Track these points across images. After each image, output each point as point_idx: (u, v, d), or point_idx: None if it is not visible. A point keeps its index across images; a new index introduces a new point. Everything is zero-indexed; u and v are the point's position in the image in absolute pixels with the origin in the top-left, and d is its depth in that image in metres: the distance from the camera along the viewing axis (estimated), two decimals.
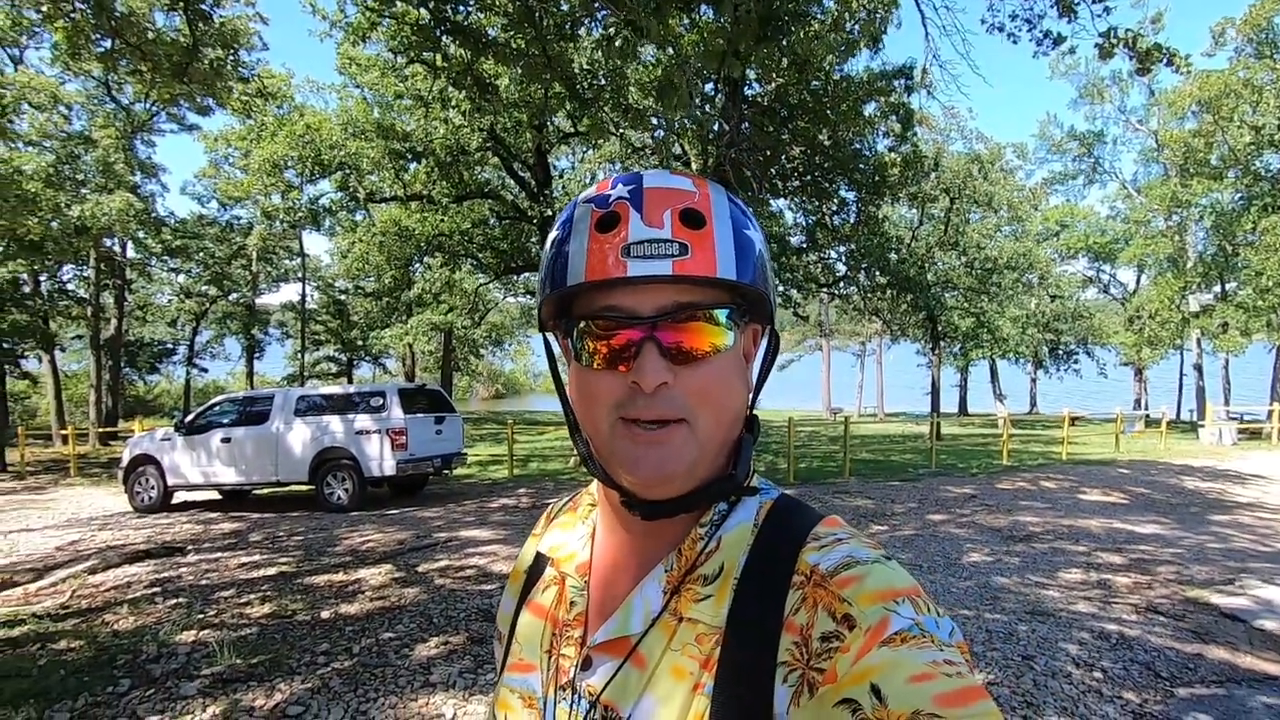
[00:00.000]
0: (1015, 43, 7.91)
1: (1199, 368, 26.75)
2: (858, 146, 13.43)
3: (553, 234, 0.60)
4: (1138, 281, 32.46)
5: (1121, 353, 29.27)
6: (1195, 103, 21.44)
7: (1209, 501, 9.58)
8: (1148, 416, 23.74)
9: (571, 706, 0.59)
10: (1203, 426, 19.79)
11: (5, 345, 19.11)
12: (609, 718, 0.56)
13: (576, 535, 0.69)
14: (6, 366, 19.42)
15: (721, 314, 0.56)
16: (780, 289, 16.05)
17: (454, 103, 11.37)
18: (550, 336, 0.64)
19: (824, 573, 0.52)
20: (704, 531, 0.59)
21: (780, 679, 0.50)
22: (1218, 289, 24.72)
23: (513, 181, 16.80)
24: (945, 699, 0.43)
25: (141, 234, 21.99)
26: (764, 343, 0.65)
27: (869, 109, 12.91)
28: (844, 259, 16.96)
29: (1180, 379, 31.00)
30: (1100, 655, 3.98)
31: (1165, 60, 7.57)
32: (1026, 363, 32.15)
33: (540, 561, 0.71)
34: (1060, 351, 32.24)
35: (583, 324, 0.57)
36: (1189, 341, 26.21)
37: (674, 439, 0.55)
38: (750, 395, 0.62)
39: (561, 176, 18.68)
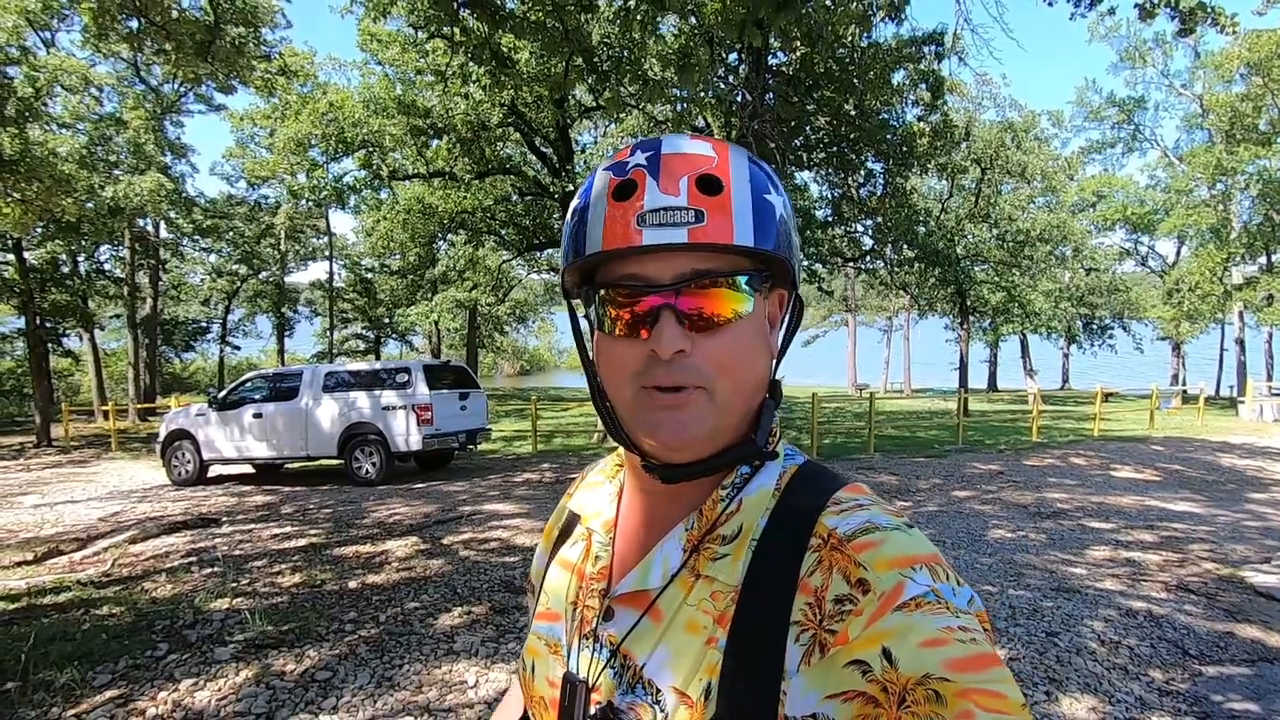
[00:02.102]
0: (1051, 4, 7.58)
1: (1240, 342, 25.91)
2: (885, 116, 13.10)
3: (574, 203, 0.60)
4: (1178, 253, 31.39)
5: (1159, 327, 28.47)
6: (1244, 65, 20.48)
7: (1246, 479, 9.33)
8: (1185, 392, 23.10)
9: (593, 654, 0.62)
10: (1242, 403, 19.23)
11: (48, 324, 19.74)
12: (626, 665, 0.59)
13: (604, 494, 0.72)
14: (50, 345, 20.07)
15: (741, 280, 0.56)
16: (805, 263, 15.83)
17: (474, 77, 11.30)
18: (576, 305, 0.65)
19: (841, 536, 0.52)
20: (725, 493, 0.60)
21: (792, 638, 0.50)
22: (1263, 260, 23.81)
23: (534, 157, 16.72)
24: (957, 664, 0.43)
25: (173, 214, 22.42)
26: (788, 308, 0.64)
27: (897, 77, 12.56)
28: (870, 232, 16.65)
29: (1220, 354, 30.04)
30: (1127, 633, 3.92)
31: (1210, 20, 7.20)
32: (1059, 338, 31.38)
33: (571, 519, 0.74)
34: (1095, 326, 31.45)
35: (604, 292, 0.57)
36: (1230, 315, 25.37)
37: (692, 404, 0.55)
38: (773, 362, 0.62)
39: (583, 151, 18.54)
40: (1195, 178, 24.70)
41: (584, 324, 0.65)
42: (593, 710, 0.59)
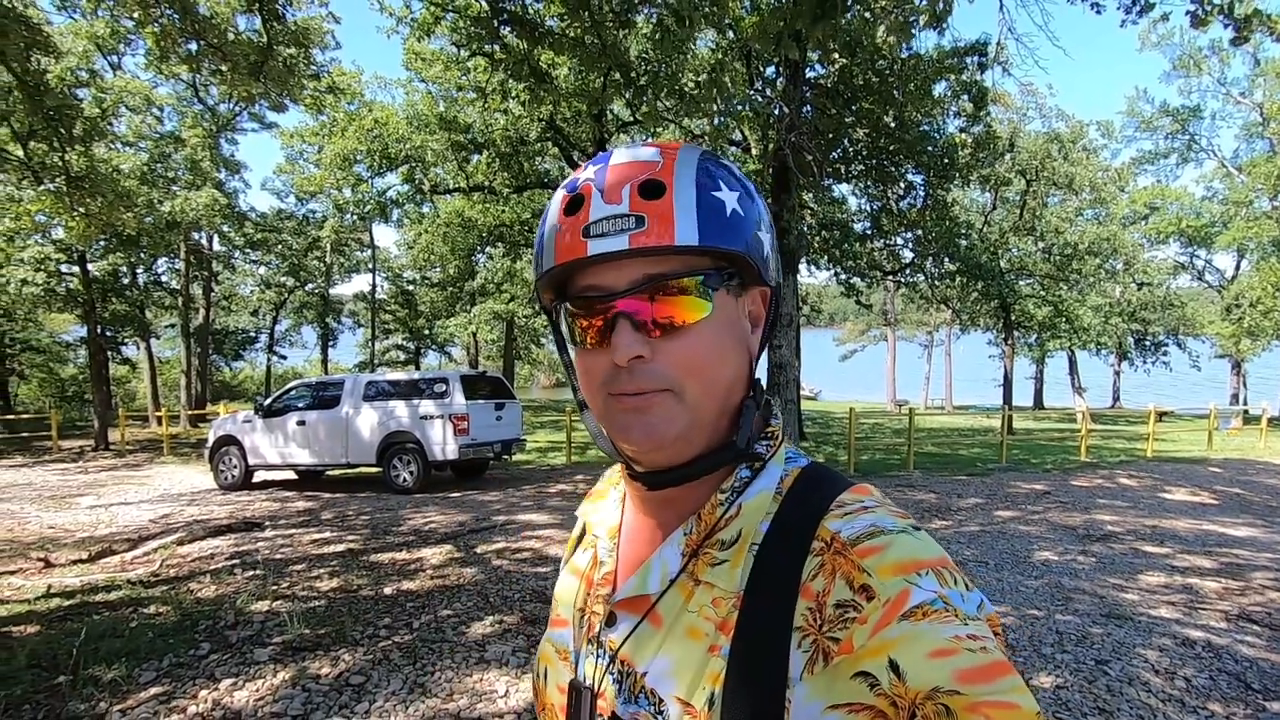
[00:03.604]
0: (1100, 12, 7.37)
1: None
2: (926, 128, 12.92)
3: (540, 221, 0.62)
4: (1237, 267, 30.05)
5: (1217, 344, 27.25)
6: None
7: None
8: (1246, 412, 22.03)
9: (597, 660, 0.62)
10: None
11: (108, 333, 20.67)
12: (626, 672, 0.58)
13: (610, 501, 0.72)
14: (109, 353, 21.00)
15: (697, 280, 0.55)
16: (842, 276, 15.63)
17: (513, 94, 11.53)
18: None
19: (845, 540, 0.51)
20: (724, 498, 0.59)
21: (795, 644, 0.49)
22: None
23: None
24: (967, 675, 0.41)
25: (226, 228, 23.30)
26: (772, 305, 0.63)
27: (939, 88, 12.40)
28: (910, 245, 16.39)
29: None
30: (1183, 663, 3.73)
31: (1267, 29, 6.93)
32: (1109, 354, 30.29)
33: (583, 527, 0.76)
34: (1147, 343, 30.28)
35: (568, 306, 0.58)
36: None
37: (657, 406, 0.55)
38: (751, 361, 0.62)
39: None
40: (1256, 189, 23.69)
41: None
42: (599, 718, 0.59)
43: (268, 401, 10.97)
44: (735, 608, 0.54)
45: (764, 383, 0.63)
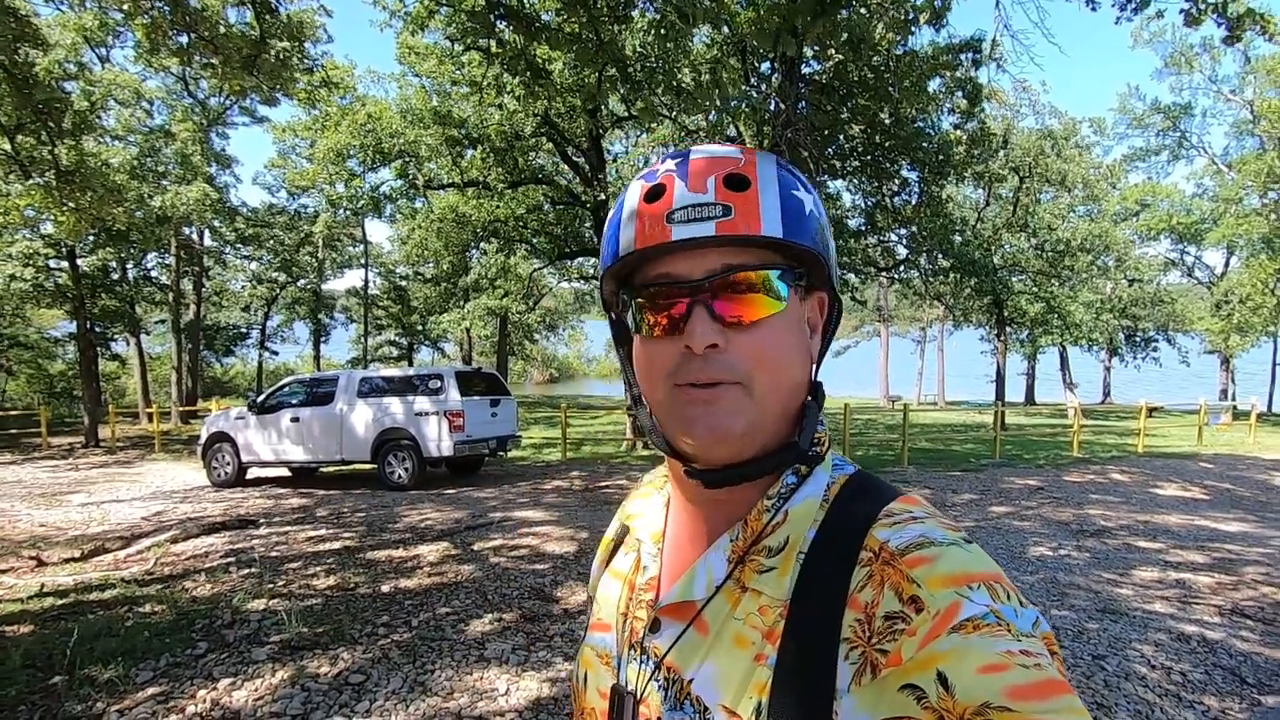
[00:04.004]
0: (1094, 9, 7.40)
1: None
2: (920, 124, 12.93)
3: (610, 215, 0.62)
4: (1227, 264, 30.31)
5: (1207, 340, 27.48)
6: None
7: None
8: (1235, 408, 22.23)
9: (640, 665, 0.61)
10: None
11: (98, 329, 20.47)
12: (671, 679, 0.57)
13: (654, 504, 0.71)
14: (99, 349, 20.80)
15: (773, 275, 0.56)
16: (838, 273, 15.65)
17: (509, 88, 11.46)
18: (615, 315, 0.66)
19: (894, 550, 0.50)
20: (770, 504, 0.58)
21: (842, 655, 0.49)
22: None
23: (567, 167, 16.87)
24: (1019, 692, 0.40)
25: (217, 223, 23.12)
26: (829, 313, 0.64)
27: (934, 85, 12.39)
28: (905, 241, 16.40)
29: (1274, 368, 28.89)
30: (1179, 658, 3.76)
31: (1259, 27, 6.96)
32: (1100, 350, 30.48)
33: (623, 530, 0.74)
34: (1138, 339, 30.51)
35: (638, 295, 0.58)
36: None
37: (727, 398, 0.55)
38: (813, 365, 0.61)
39: (615, 161, 18.65)
40: (1246, 186, 23.88)
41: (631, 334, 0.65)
42: None
43: (261, 398, 10.90)
44: (782, 616, 0.53)
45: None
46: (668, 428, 0.58)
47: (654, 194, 0.56)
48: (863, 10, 7.71)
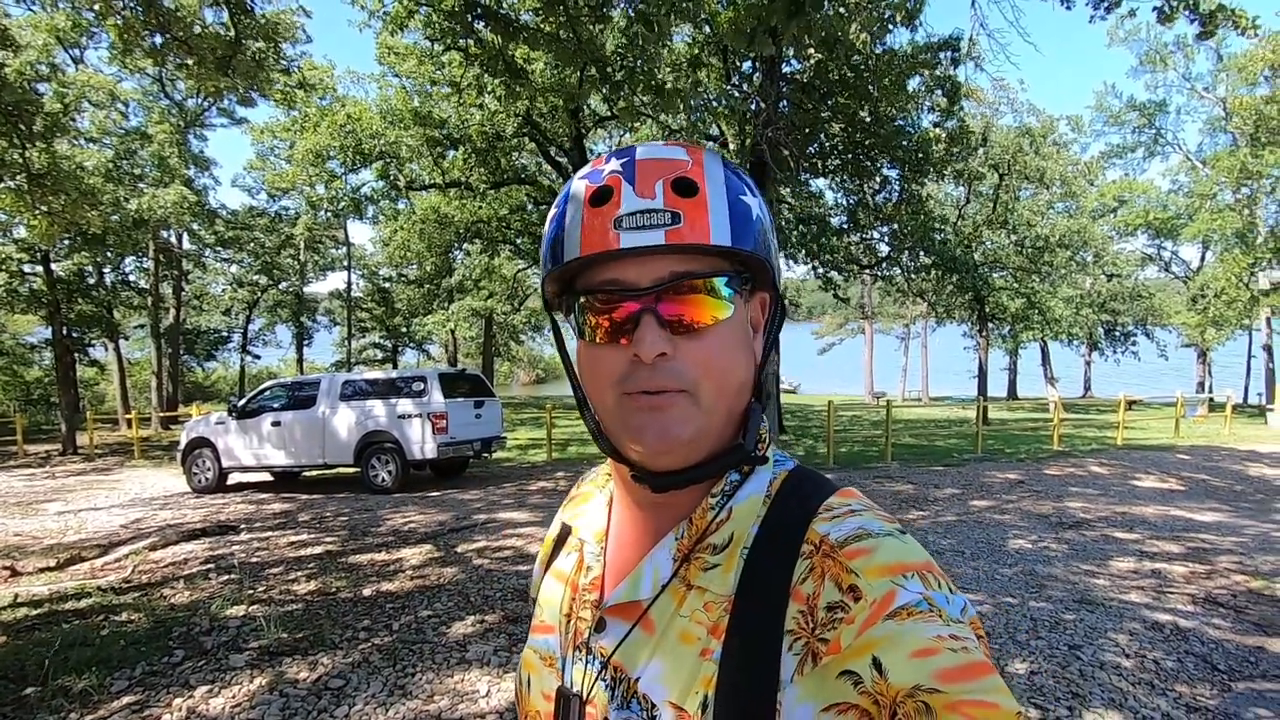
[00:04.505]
0: (1069, 8, 7.49)
1: (1268, 349, 25.34)
2: (900, 123, 13.04)
3: (552, 211, 0.60)
4: (1202, 258, 30.81)
5: (1184, 334, 27.93)
6: (1268, 67, 20.17)
7: (1276, 489, 9.11)
8: (1211, 400, 22.62)
9: (586, 666, 0.61)
10: (1271, 411, 18.79)
11: (74, 334, 20.15)
12: (618, 678, 0.58)
13: (596, 504, 0.71)
14: (76, 355, 20.48)
15: (720, 282, 0.55)
16: (820, 270, 15.75)
17: (489, 89, 11.42)
18: (557, 316, 0.65)
19: (833, 543, 0.52)
20: (715, 501, 0.59)
21: (786, 647, 0.50)
22: None
23: (549, 167, 16.85)
24: (947, 674, 0.42)
25: (196, 226, 22.80)
26: (771, 312, 0.64)
27: (913, 83, 12.51)
28: (886, 239, 16.54)
29: (1248, 361, 29.42)
30: (1152, 646, 3.83)
31: (1231, 23, 7.09)
32: (1080, 345, 30.90)
33: (564, 530, 0.74)
34: (1117, 333, 30.95)
35: (583, 299, 0.57)
36: (1258, 322, 24.84)
37: (675, 406, 0.55)
38: (757, 365, 0.62)
39: None
40: (1219, 182, 24.29)
41: (568, 337, 0.64)
42: None
43: (242, 402, 10.78)
44: (727, 611, 0.54)
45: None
46: (615, 434, 0.58)
47: (600, 197, 0.55)
48: (841, 10, 7.76)
